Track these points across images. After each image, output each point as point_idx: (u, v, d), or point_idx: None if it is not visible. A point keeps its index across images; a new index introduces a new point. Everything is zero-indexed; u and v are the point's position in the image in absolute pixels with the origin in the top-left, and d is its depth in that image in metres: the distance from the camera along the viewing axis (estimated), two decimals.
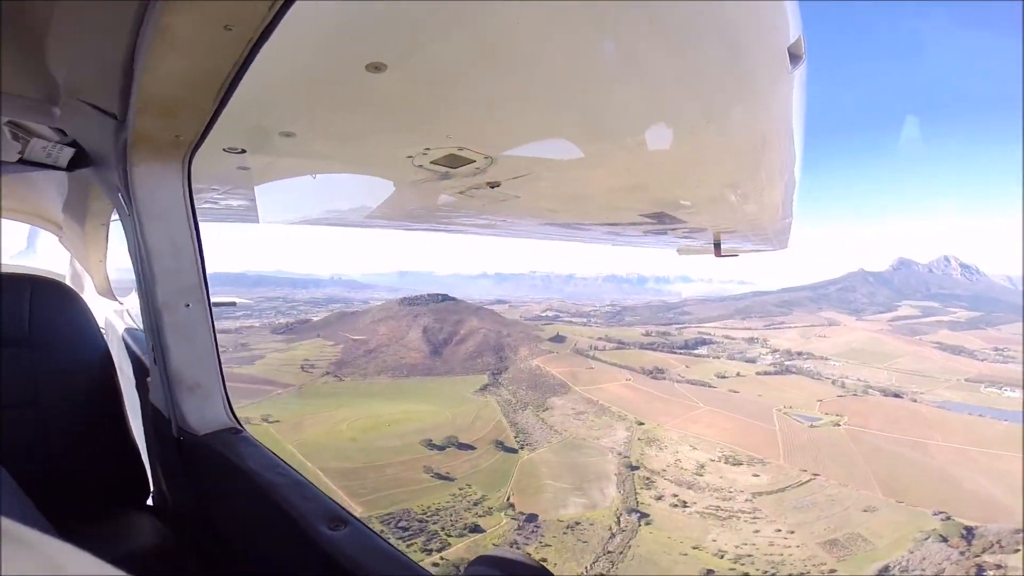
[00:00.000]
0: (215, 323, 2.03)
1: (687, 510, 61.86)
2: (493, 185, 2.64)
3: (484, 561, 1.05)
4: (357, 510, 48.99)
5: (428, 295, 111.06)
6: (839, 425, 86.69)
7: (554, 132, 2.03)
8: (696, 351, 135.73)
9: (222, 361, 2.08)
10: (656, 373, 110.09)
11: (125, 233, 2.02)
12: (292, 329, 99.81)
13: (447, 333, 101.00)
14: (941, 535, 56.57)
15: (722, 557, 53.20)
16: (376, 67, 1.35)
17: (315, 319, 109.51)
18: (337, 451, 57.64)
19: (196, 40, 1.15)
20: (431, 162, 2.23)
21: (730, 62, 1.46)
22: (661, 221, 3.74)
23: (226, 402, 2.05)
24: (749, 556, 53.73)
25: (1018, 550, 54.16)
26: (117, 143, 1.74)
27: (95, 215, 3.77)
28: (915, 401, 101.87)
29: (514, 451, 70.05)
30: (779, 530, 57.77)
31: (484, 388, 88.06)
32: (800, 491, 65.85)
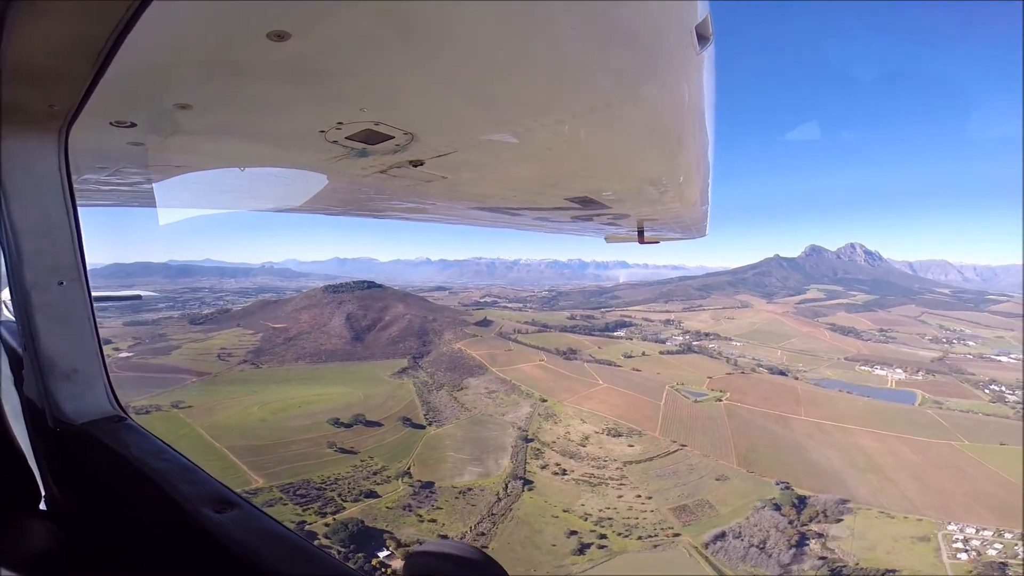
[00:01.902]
0: (95, 307, 1.91)
1: (565, 477, 70.04)
2: (416, 164, 2.58)
3: (426, 551, 1.07)
4: (259, 482, 54.48)
5: (354, 282, 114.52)
6: (720, 400, 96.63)
7: (477, 112, 2.05)
8: (615, 333, 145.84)
9: (103, 345, 1.97)
10: (569, 354, 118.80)
11: None
12: (212, 319, 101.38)
13: (371, 319, 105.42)
14: (776, 504, 64.79)
15: (586, 519, 60.94)
16: (279, 35, 1.28)
17: (236, 309, 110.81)
18: (246, 431, 62.19)
19: (68, 3, 1.07)
20: (346, 138, 2.16)
21: (638, 42, 1.49)
22: (586, 206, 3.77)
23: (109, 389, 1.97)
24: (609, 519, 61.46)
25: (840, 520, 62.64)
26: None
27: None
28: (796, 379, 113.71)
29: (421, 427, 76.57)
30: (639, 496, 66.02)
31: (402, 371, 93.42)
32: (666, 460, 74.81)
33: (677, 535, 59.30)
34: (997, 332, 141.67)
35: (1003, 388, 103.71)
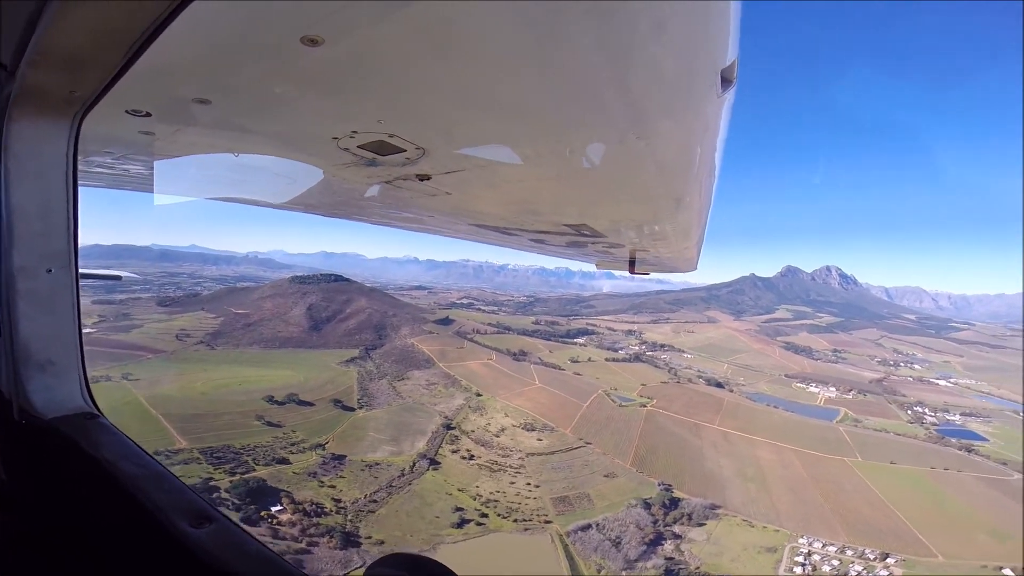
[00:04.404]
0: (80, 294, 1.88)
1: (471, 462, 77.64)
2: (423, 178, 2.58)
3: (387, 561, 1.02)
4: (183, 443, 63.48)
5: (321, 275, 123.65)
6: (644, 407, 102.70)
7: (492, 132, 2.04)
8: (575, 340, 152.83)
9: (83, 336, 1.95)
10: (519, 355, 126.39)
11: None
12: (178, 302, 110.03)
13: (332, 311, 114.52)
14: (647, 502, 69.87)
15: (475, 499, 67.86)
16: (312, 40, 1.28)
17: (205, 293, 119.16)
18: (184, 402, 71.33)
19: None
20: (358, 146, 2.15)
21: (664, 79, 1.50)
22: (582, 234, 3.81)
23: (83, 384, 1.91)
24: (496, 501, 68.20)
25: (703, 524, 67.28)
26: (0, 95, 1.63)
27: None
28: (731, 391, 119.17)
29: (351, 410, 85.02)
30: (529, 484, 72.73)
31: (351, 360, 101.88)
32: (566, 455, 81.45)
33: (548, 522, 65.47)
34: (947, 357, 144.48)
35: (925, 410, 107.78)
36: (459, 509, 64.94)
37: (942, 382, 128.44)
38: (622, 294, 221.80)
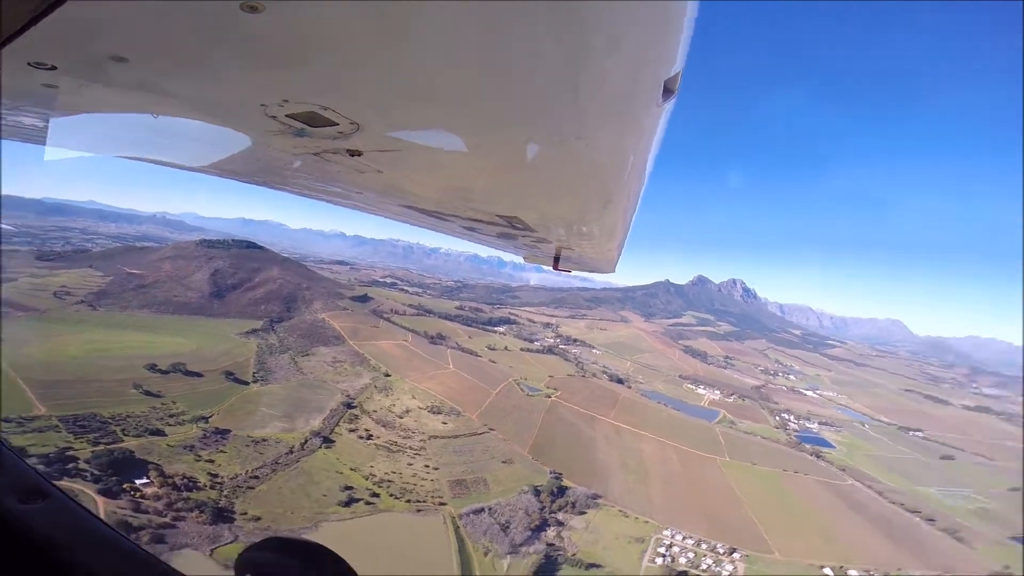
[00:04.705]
0: None
1: (368, 442, 77.21)
2: (354, 153, 2.44)
3: (264, 545, 1.01)
4: (41, 410, 58.39)
5: (233, 240, 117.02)
6: (549, 397, 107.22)
7: (433, 118, 1.97)
8: (496, 328, 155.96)
9: None
10: (437, 339, 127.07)
11: None
12: (63, 258, 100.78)
13: (239, 279, 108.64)
14: (537, 489, 72.71)
15: (368, 479, 67.16)
16: (252, 8, 1.23)
17: (96, 250, 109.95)
18: (51, 365, 65.12)
19: None
20: (287, 115, 2.03)
21: (609, 83, 1.49)
22: (513, 226, 3.78)
23: None
24: (390, 481, 68.05)
25: (584, 512, 70.73)
26: None
27: None
28: (629, 387, 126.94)
29: (245, 383, 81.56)
30: (428, 466, 73.38)
31: (253, 332, 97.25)
32: (470, 440, 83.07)
33: (443, 504, 66.38)
34: (818, 371, 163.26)
35: (790, 417, 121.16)
36: (348, 488, 64.19)
37: (810, 393, 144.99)
38: (547, 287, 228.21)
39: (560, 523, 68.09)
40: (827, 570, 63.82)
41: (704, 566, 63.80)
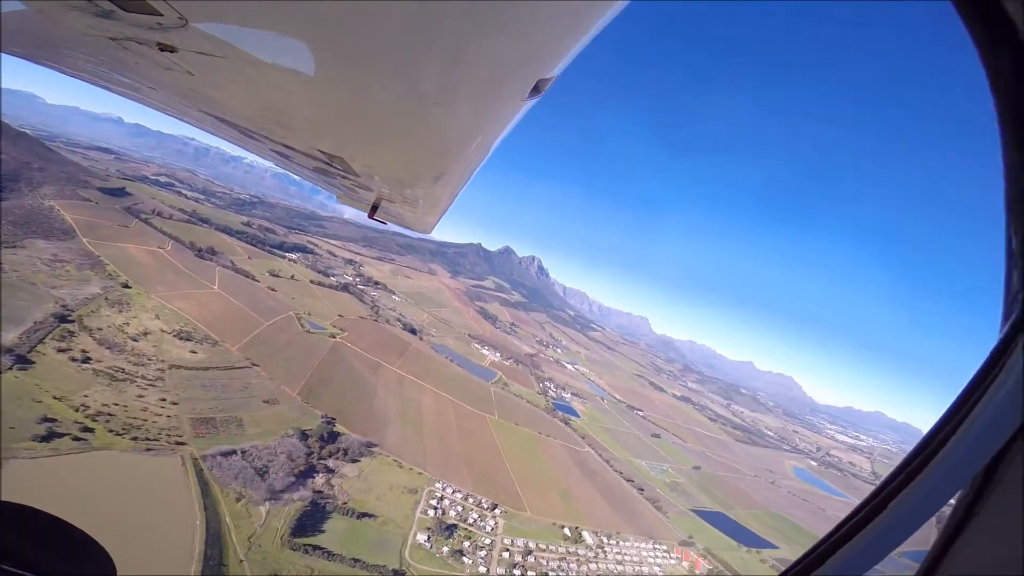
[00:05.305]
0: None
1: (84, 365, 60.41)
2: (166, 48, 2.02)
3: None
4: None
5: None
6: (334, 337, 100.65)
7: (292, 28, 1.61)
8: (287, 253, 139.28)
9: None
10: (206, 253, 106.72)
11: None
12: None
13: None
14: (305, 433, 67.60)
15: (78, 411, 53.66)
16: None
17: None
18: None
19: None
20: None
21: (488, 64, 1.46)
22: (333, 165, 3.50)
23: None
24: (111, 415, 55.48)
25: (357, 461, 68.42)
26: None
27: None
28: (421, 339, 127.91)
29: None
30: (164, 400, 61.60)
31: None
32: (226, 374, 71.92)
33: (182, 444, 57.22)
34: (580, 348, 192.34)
35: (551, 386, 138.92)
36: (48, 420, 50.80)
37: (570, 366, 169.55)
38: (360, 224, 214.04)
39: (330, 470, 65.12)
40: (566, 530, 74.22)
41: (471, 520, 67.99)
